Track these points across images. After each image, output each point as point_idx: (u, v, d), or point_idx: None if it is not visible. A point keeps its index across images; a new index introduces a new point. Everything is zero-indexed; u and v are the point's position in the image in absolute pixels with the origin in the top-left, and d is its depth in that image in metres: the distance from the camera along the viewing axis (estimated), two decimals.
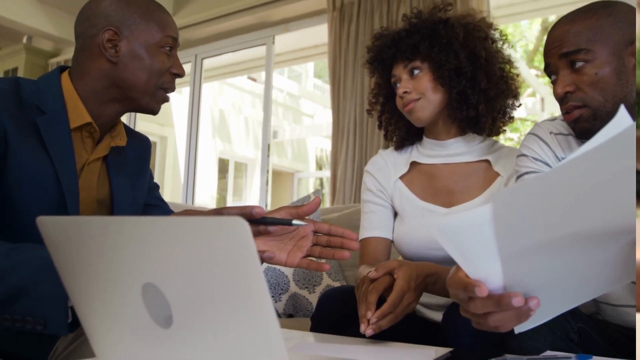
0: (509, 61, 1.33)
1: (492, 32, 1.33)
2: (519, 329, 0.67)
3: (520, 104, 1.36)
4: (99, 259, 0.53)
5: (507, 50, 1.35)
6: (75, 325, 0.73)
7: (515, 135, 7.86)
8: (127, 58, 0.99)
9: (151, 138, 1.23)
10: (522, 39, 9.45)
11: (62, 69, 1.03)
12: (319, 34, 3.51)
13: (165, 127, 8.06)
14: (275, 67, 3.75)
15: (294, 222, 0.88)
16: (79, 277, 0.57)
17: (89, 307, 0.58)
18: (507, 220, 0.54)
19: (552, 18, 5.48)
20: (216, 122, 8.98)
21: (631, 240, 0.58)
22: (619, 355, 0.88)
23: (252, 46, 3.89)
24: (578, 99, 0.96)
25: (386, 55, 1.33)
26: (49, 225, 0.56)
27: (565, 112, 0.98)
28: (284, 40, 4.04)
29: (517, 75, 1.34)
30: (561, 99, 0.98)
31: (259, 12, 3.59)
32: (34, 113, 0.93)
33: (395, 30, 1.34)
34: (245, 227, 0.40)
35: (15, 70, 4.85)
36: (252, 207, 0.87)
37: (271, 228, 0.90)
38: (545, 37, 1.02)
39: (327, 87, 3.86)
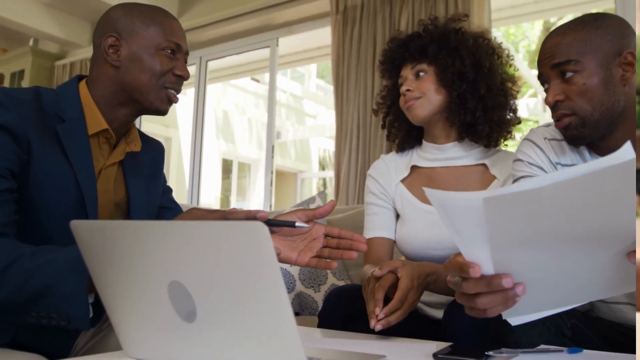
0: (513, 80, 1.39)
1: (501, 50, 1.38)
2: (513, 321, 0.71)
3: (520, 121, 1.40)
4: (129, 259, 0.58)
5: (513, 71, 1.40)
6: (95, 320, 0.78)
7: (517, 135, 7.86)
8: (127, 61, 1.03)
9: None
10: (524, 39, 9.46)
11: (79, 77, 1.08)
12: (322, 35, 3.53)
13: (170, 128, 8.08)
14: (278, 68, 3.78)
15: (297, 224, 0.94)
16: (109, 275, 0.62)
17: (118, 303, 0.63)
18: (497, 217, 0.57)
19: (554, 20, 5.50)
20: (220, 123, 9.00)
21: (628, 246, 0.61)
22: (612, 350, 0.91)
23: (256, 48, 3.91)
24: (567, 107, 1.00)
25: (396, 54, 1.39)
26: (82, 228, 0.61)
27: (556, 119, 1.03)
28: (287, 42, 4.07)
29: (517, 92, 1.39)
30: (552, 107, 1.03)
31: (263, 15, 3.61)
32: (54, 121, 0.98)
33: (409, 34, 1.40)
34: (265, 231, 0.45)
35: (21, 72, 4.86)
36: (256, 212, 0.93)
37: (276, 229, 0.97)
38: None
39: (330, 88, 3.87)
